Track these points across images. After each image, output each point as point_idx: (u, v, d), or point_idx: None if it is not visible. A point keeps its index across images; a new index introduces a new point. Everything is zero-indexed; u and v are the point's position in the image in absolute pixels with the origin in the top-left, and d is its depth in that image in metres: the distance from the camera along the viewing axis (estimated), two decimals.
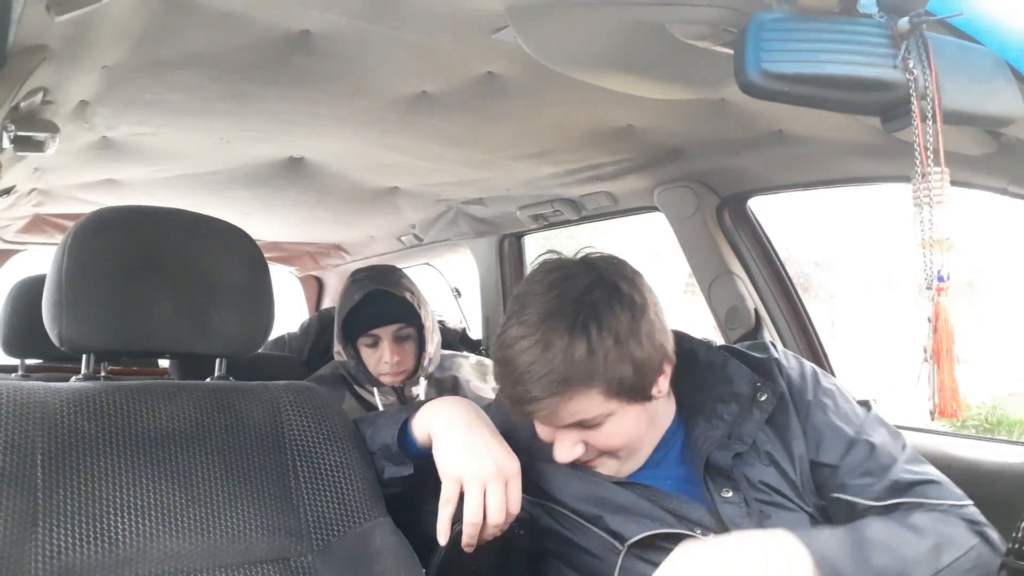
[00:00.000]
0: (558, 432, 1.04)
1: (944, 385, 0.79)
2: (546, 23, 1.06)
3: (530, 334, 0.98)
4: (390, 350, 1.83)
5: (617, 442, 1.04)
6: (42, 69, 1.14)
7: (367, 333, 1.84)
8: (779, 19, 0.79)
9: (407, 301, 1.85)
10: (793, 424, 1.08)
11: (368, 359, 1.86)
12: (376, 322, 1.83)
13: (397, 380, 1.86)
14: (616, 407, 1.01)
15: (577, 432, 1.03)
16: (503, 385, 1.03)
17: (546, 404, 0.98)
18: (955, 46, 0.85)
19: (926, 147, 0.79)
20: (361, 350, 1.86)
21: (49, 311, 1.07)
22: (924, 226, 0.80)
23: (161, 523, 1.00)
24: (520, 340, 0.99)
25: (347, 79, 1.35)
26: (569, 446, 1.04)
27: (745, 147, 1.63)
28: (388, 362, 1.83)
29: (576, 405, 0.99)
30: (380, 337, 1.84)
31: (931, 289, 0.80)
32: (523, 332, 0.99)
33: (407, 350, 1.86)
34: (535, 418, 1.03)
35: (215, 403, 1.11)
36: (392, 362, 1.83)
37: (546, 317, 0.99)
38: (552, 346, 0.97)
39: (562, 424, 1.02)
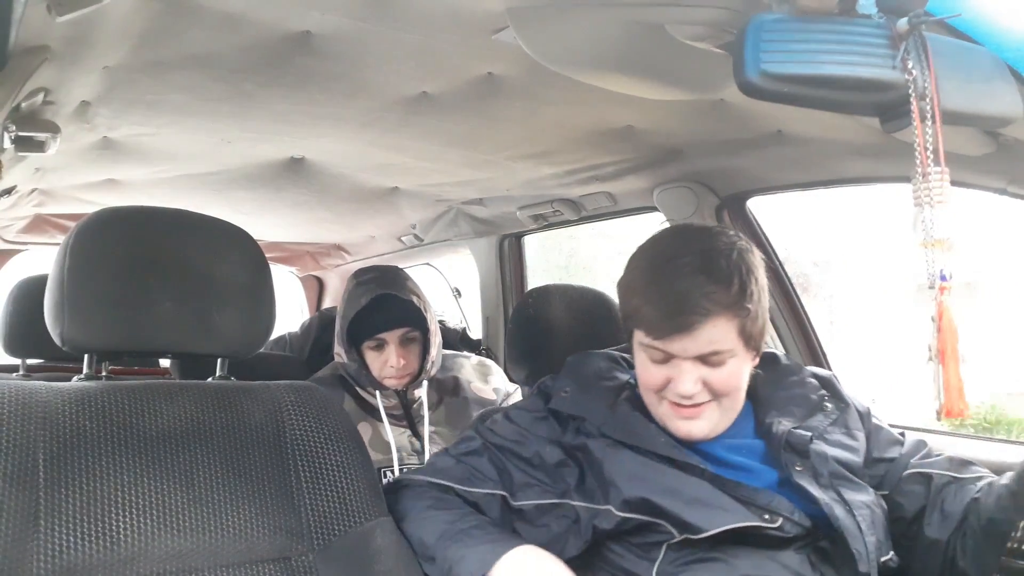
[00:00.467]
0: (683, 365, 1.10)
1: (950, 384, 0.80)
2: (546, 24, 1.06)
3: (693, 260, 1.09)
4: (396, 354, 1.82)
5: (732, 384, 1.12)
6: (43, 69, 1.14)
7: (373, 337, 1.83)
8: (778, 20, 0.79)
9: (414, 305, 1.84)
10: (853, 424, 1.21)
11: (372, 362, 1.85)
12: (383, 326, 1.82)
13: (401, 383, 1.86)
14: (739, 348, 1.10)
15: (700, 368, 1.10)
16: (650, 304, 1.10)
17: (698, 321, 1.07)
18: (954, 47, 0.86)
19: (926, 147, 0.79)
20: (365, 353, 1.85)
21: (51, 311, 1.07)
22: (925, 226, 0.80)
23: (162, 522, 1.00)
24: (683, 263, 1.09)
25: (348, 80, 1.36)
26: (692, 380, 1.10)
27: (744, 147, 1.63)
28: (394, 366, 1.82)
29: (717, 331, 1.08)
30: (386, 341, 1.83)
31: (933, 288, 0.80)
32: (687, 258, 1.10)
33: (412, 353, 1.86)
34: (679, 338, 1.08)
35: (216, 403, 1.11)
36: (398, 366, 1.82)
37: (708, 250, 1.11)
38: (714, 272, 1.08)
39: (696, 353, 1.09)
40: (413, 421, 1.88)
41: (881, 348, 5.55)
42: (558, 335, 1.55)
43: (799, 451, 1.13)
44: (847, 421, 1.21)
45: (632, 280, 1.16)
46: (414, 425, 1.88)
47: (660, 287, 1.10)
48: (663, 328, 1.09)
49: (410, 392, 1.88)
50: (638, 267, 1.16)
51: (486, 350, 2.74)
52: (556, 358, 1.54)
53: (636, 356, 1.17)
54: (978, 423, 5.57)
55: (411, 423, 1.88)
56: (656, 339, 1.10)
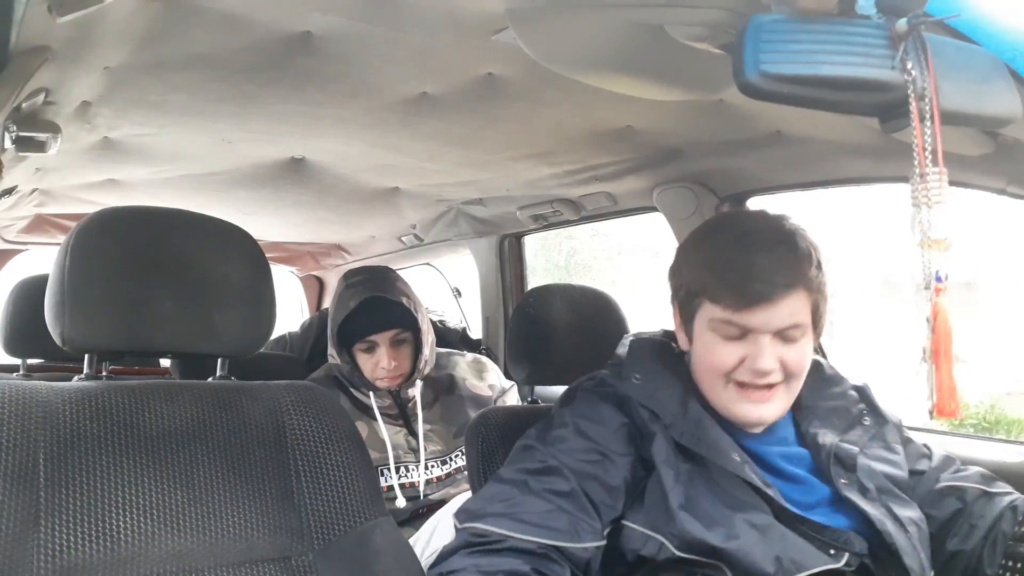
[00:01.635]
0: (762, 340, 1.07)
1: (943, 385, 0.80)
2: (546, 24, 1.06)
3: (774, 235, 1.10)
4: (387, 355, 1.82)
5: (803, 365, 1.11)
6: (44, 70, 1.14)
7: (364, 339, 1.84)
8: (778, 20, 0.80)
9: (403, 306, 1.84)
10: (892, 439, 1.20)
11: (364, 364, 1.85)
12: (373, 329, 1.82)
13: (394, 384, 1.86)
14: (809, 326, 1.10)
15: (777, 345, 1.08)
16: (731, 273, 1.07)
17: (783, 291, 1.06)
18: (953, 47, 0.86)
19: (924, 148, 0.80)
20: (357, 355, 1.86)
21: (51, 311, 1.07)
22: (923, 226, 0.80)
23: (163, 522, 1.00)
24: (764, 236, 1.09)
25: (348, 80, 1.36)
26: (772, 356, 1.07)
27: (744, 148, 1.64)
28: (385, 367, 1.82)
29: (798, 304, 1.07)
30: (377, 343, 1.83)
31: (929, 289, 0.81)
32: (767, 233, 1.10)
33: (404, 354, 1.86)
34: (762, 308, 1.06)
35: (217, 402, 1.11)
36: (389, 368, 1.82)
37: (785, 226, 1.11)
38: (796, 246, 1.09)
39: (777, 326, 1.07)
40: (409, 420, 1.88)
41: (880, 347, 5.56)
42: (558, 335, 1.55)
43: (846, 465, 1.11)
44: (885, 435, 1.19)
45: (702, 256, 1.13)
46: (410, 424, 1.88)
47: (742, 258, 1.08)
48: (746, 297, 1.06)
49: (404, 391, 1.88)
50: (706, 244, 1.14)
51: (486, 350, 2.74)
52: (556, 358, 1.55)
53: (700, 338, 1.12)
54: (977, 423, 5.57)
55: (407, 422, 1.88)
56: (737, 311, 1.07)
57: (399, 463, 1.83)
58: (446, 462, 1.87)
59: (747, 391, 1.09)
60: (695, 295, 1.12)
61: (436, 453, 1.86)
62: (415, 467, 1.83)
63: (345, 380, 1.87)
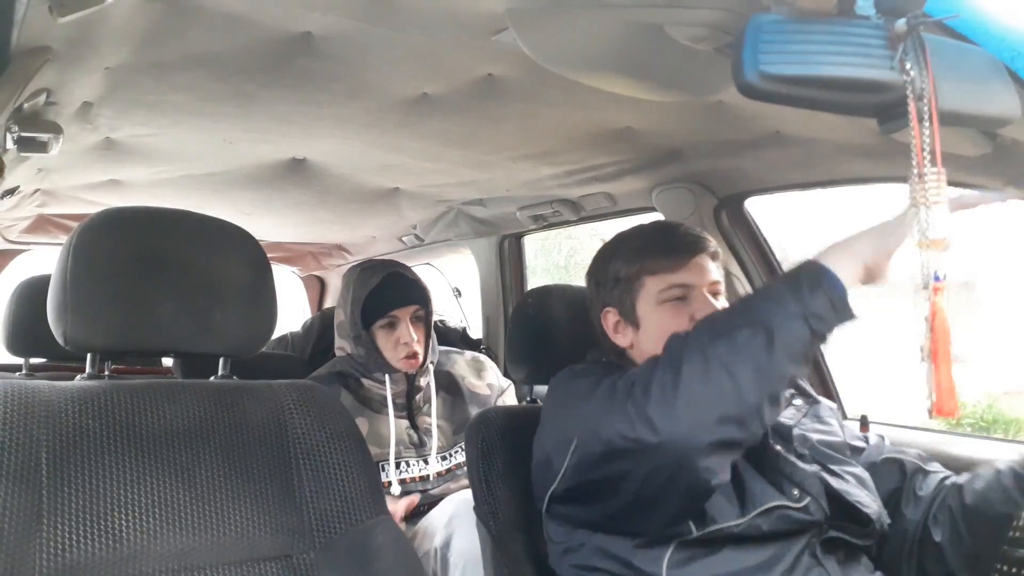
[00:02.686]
0: (702, 295, 1.22)
1: (941, 384, 0.80)
2: (545, 25, 1.07)
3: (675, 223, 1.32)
4: (410, 329, 1.86)
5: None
6: (45, 70, 1.15)
7: (387, 315, 1.87)
8: (777, 21, 0.80)
9: (421, 284, 1.92)
10: (825, 415, 1.30)
11: (384, 343, 1.88)
12: (396, 303, 1.87)
13: (412, 365, 1.88)
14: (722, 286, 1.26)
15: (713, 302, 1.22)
16: (663, 242, 1.25)
17: (703, 246, 1.24)
18: (952, 47, 0.86)
19: (923, 148, 0.80)
20: (377, 335, 1.88)
21: (54, 311, 1.08)
22: (921, 226, 0.80)
23: (165, 521, 1.01)
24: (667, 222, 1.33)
25: (348, 80, 1.36)
26: (712, 308, 1.20)
27: (742, 148, 1.64)
28: (408, 342, 1.86)
29: (713, 263, 1.25)
30: (399, 318, 1.87)
31: (928, 289, 0.81)
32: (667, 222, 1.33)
33: (421, 333, 1.90)
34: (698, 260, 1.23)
35: (219, 402, 1.12)
36: (412, 341, 1.86)
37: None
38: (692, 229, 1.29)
39: (710, 279, 1.23)
40: (413, 413, 1.89)
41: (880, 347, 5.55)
42: (558, 335, 1.55)
43: (783, 436, 1.20)
44: (819, 412, 1.29)
45: (627, 248, 1.27)
46: (413, 417, 1.89)
47: (664, 231, 1.27)
48: (679, 252, 1.22)
49: (418, 379, 1.89)
50: (627, 242, 1.29)
51: (486, 349, 2.75)
52: (556, 358, 1.55)
53: (648, 316, 1.24)
54: (975, 422, 5.57)
55: (411, 414, 1.89)
56: (675, 270, 1.22)
57: (399, 458, 1.83)
58: (446, 458, 1.88)
59: None
60: (634, 278, 1.25)
61: (438, 448, 1.87)
62: (415, 462, 1.84)
63: (358, 368, 1.88)
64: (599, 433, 1.04)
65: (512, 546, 1.30)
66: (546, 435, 1.20)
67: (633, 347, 1.28)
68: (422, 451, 1.86)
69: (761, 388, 0.96)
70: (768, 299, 1.00)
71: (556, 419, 1.20)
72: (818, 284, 0.97)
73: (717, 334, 0.99)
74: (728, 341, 0.97)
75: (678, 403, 0.96)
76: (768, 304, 0.99)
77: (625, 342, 1.28)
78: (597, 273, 1.31)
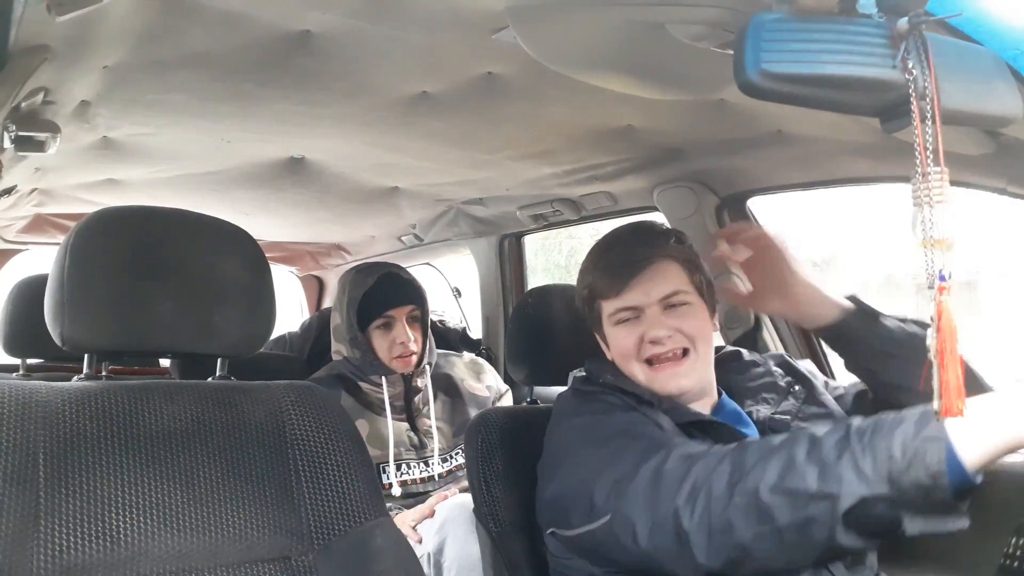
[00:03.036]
0: (651, 312, 1.20)
1: (948, 384, 0.79)
2: (546, 23, 1.06)
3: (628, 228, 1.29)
4: (406, 329, 1.86)
5: (702, 331, 1.21)
6: (43, 69, 1.14)
7: (382, 315, 1.87)
8: (778, 19, 0.79)
9: (416, 285, 1.92)
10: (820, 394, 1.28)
11: (380, 344, 1.88)
12: (392, 303, 1.88)
13: (408, 366, 1.88)
14: (695, 298, 1.22)
15: (667, 317, 1.20)
16: (604, 266, 1.23)
17: (645, 263, 1.19)
18: (954, 46, 0.85)
19: (925, 147, 0.79)
20: (373, 336, 1.88)
21: (51, 311, 1.07)
22: (924, 226, 0.80)
23: (163, 522, 1.00)
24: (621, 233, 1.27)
25: (347, 79, 1.36)
26: (662, 324, 1.19)
27: (744, 147, 1.63)
28: (404, 342, 1.86)
29: (666, 273, 1.20)
30: (395, 318, 1.88)
31: (933, 288, 0.80)
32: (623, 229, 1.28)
33: (417, 332, 1.91)
34: (636, 283, 1.19)
35: (217, 402, 1.11)
36: (408, 341, 1.86)
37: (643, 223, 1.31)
38: (649, 231, 1.27)
39: (658, 296, 1.19)
40: (412, 415, 1.89)
41: None
42: (558, 335, 1.55)
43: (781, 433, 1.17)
44: (815, 394, 1.28)
45: (582, 271, 1.28)
46: (412, 419, 1.89)
47: (608, 253, 1.24)
48: (618, 278, 1.20)
49: (415, 380, 1.89)
50: (589, 257, 1.28)
51: (486, 350, 2.74)
52: (556, 358, 1.55)
53: (609, 336, 1.24)
54: None
55: (410, 416, 1.89)
56: (618, 294, 1.20)
57: (399, 460, 1.83)
58: (447, 459, 1.88)
59: (658, 366, 1.20)
60: (591, 301, 1.25)
61: (439, 450, 1.87)
62: (415, 464, 1.84)
63: (355, 372, 1.88)
64: (636, 535, 0.98)
65: (512, 547, 1.30)
66: (566, 479, 1.13)
67: (613, 358, 1.27)
68: (423, 453, 1.86)
69: (809, 553, 0.88)
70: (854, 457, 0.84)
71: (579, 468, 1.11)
72: (922, 456, 0.80)
73: (782, 481, 0.87)
74: (788, 497, 0.86)
75: (716, 537, 0.90)
76: (849, 466, 0.83)
77: (607, 353, 1.28)
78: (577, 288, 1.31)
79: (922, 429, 0.82)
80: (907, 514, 0.81)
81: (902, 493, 0.80)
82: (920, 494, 0.80)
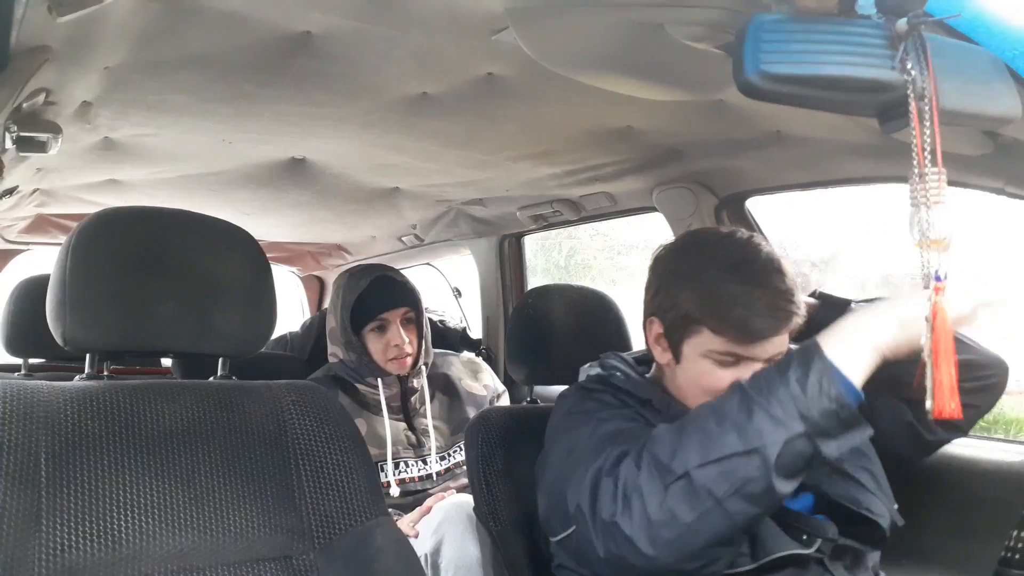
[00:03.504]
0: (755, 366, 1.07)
1: (942, 384, 0.79)
2: (545, 24, 1.06)
3: (768, 264, 1.09)
4: (400, 331, 1.86)
5: None
6: (44, 70, 1.14)
7: (376, 318, 1.86)
8: (777, 20, 0.79)
9: (410, 286, 1.91)
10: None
11: (375, 347, 1.88)
12: (385, 306, 1.87)
13: (403, 368, 1.88)
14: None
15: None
16: (738, 307, 1.06)
17: (782, 327, 1.08)
18: (953, 47, 0.86)
19: (924, 148, 0.79)
20: (367, 338, 1.88)
21: (53, 311, 1.08)
22: (922, 226, 0.80)
23: (164, 521, 1.01)
24: (759, 270, 1.08)
25: (348, 80, 1.36)
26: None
27: (743, 148, 1.64)
28: (399, 344, 1.85)
29: (786, 335, 1.10)
30: (389, 321, 1.87)
31: (929, 289, 0.80)
32: (762, 262, 1.09)
33: (412, 335, 1.90)
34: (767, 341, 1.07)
35: (218, 402, 1.11)
36: (403, 343, 1.85)
37: (774, 259, 1.10)
38: (785, 280, 1.09)
39: (772, 353, 1.09)
40: (410, 414, 1.90)
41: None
42: (558, 335, 1.55)
43: None
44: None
45: (698, 286, 1.10)
46: (410, 419, 1.89)
47: (744, 294, 1.06)
48: (751, 335, 1.06)
49: (410, 381, 1.89)
50: (701, 273, 1.11)
51: (486, 350, 2.75)
52: (556, 358, 1.55)
53: (691, 362, 1.13)
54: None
55: (407, 416, 1.89)
56: (739, 344, 1.07)
57: (397, 459, 1.83)
58: (444, 458, 1.89)
59: None
60: (693, 322, 1.11)
61: (436, 449, 1.87)
62: (413, 463, 1.84)
63: (351, 374, 1.88)
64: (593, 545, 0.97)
65: (512, 547, 1.30)
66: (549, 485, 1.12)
67: (668, 368, 1.19)
68: (420, 452, 1.86)
69: (753, 512, 0.91)
70: (764, 408, 0.89)
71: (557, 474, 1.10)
72: (821, 388, 0.87)
73: (707, 455, 0.89)
74: (718, 467, 0.89)
75: (661, 531, 0.91)
76: (763, 417, 0.88)
77: (661, 359, 1.19)
78: (660, 281, 1.17)
79: (809, 366, 0.89)
80: (822, 440, 0.88)
81: (815, 424, 0.87)
82: (830, 419, 0.88)
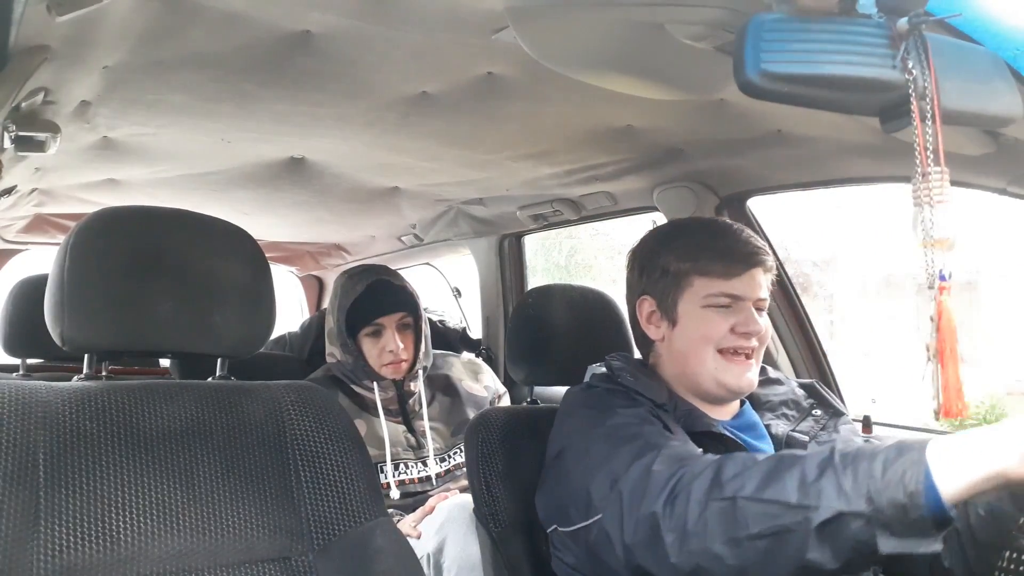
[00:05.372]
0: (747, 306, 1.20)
1: (948, 384, 0.79)
2: (546, 23, 1.06)
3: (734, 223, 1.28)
4: (395, 337, 1.84)
5: (766, 339, 1.24)
6: (43, 69, 1.14)
7: (371, 323, 1.85)
8: (778, 19, 0.79)
9: (408, 290, 1.89)
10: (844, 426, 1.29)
11: (370, 351, 1.86)
12: (381, 311, 1.85)
13: (399, 372, 1.87)
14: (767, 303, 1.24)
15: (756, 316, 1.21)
16: (719, 248, 1.21)
17: (761, 261, 1.21)
18: (954, 46, 0.85)
19: (926, 147, 0.79)
20: (363, 343, 1.87)
21: (51, 311, 1.07)
22: (924, 226, 0.80)
23: (162, 522, 1.00)
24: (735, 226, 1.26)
25: (347, 79, 1.36)
26: (756, 321, 1.20)
27: (744, 147, 1.63)
28: (393, 350, 1.84)
29: (764, 279, 1.22)
30: (384, 326, 1.85)
31: (933, 288, 0.80)
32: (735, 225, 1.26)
33: (408, 339, 1.88)
34: (748, 275, 1.20)
35: (217, 402, 1.11)
36: (397, 350, 1.84)
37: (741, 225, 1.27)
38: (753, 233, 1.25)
39: (757, 295, 1.21)
40: (408, 416, 1.89)
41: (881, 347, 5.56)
42: (558, 335, 1.55)
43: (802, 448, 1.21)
44: (837, 425, 1.28)
45: (683, 243, 1.23)
46: (409, 420, 1.89)
47: (724, 235, 1.23)
48: (736, 263, 1.19)
49: (407, 385, 1.88)
50: (682, 235, 1.26)
51: (486, 350, 2.74)
52: (556, 358, 1.55)
53: (688, 316, 1.22)
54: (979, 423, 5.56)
55: (406, 418, 1.89)
56: (727, 278, 1.19)
57: (397, 460, 1.83)
58: (444, 459, 1.88)
59: (733, 358, 1.20)
60: (683, 276, 1.22)
61: (436, 450, 1.87)
62: (413, 464, 1.84)
63: (347, 376, 1.87)
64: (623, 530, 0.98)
65: (512, 548, 1.29)
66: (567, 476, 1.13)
67: (664, 341, 1.25)
68: (420, 453, 1.86)
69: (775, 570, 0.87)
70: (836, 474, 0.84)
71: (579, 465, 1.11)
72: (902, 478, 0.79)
73: (761, 492, 0.87)
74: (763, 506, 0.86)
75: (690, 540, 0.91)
76: (831, 482, 0.84)
77: (656, 335, 1.26)
78: (643, 260, 1.27)
79: (903, 453, 0.81)
80: (882, 533, 0.80)
81: (878, 511, 0.80)
82: (896, 513, 0.79)
